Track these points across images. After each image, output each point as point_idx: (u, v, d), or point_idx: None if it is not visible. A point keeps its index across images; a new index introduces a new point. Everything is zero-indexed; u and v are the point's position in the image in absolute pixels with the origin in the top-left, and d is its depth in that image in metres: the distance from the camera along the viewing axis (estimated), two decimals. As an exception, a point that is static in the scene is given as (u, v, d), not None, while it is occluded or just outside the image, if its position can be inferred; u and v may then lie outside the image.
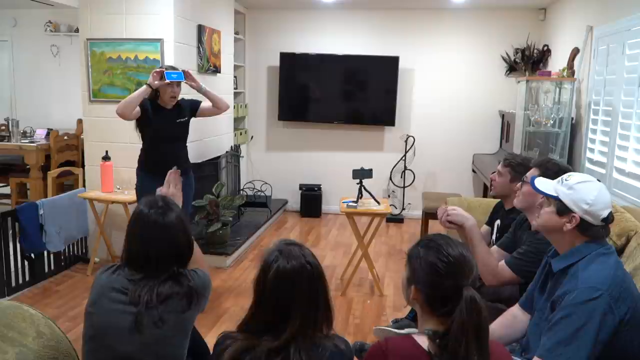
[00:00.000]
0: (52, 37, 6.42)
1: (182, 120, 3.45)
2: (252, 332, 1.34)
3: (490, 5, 5.61)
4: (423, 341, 1.26)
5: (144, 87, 3.22)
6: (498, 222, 2.72)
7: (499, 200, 2.80)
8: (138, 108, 3.25)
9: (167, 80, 3.23)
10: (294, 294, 1.32)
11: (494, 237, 2.76)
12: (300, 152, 6.28)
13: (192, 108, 3.52)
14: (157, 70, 3.27)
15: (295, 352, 1.28)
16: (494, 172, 2.68)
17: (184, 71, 3.33)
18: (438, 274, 1.28)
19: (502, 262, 2.21)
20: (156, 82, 3.22)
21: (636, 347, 1.54)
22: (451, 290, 1.25)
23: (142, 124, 3.35)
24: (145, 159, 3.45)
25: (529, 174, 2.25)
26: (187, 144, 3.58)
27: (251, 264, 4.39)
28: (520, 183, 2.30)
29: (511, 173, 2.54)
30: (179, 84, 3.32)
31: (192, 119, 3.57)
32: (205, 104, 3.55)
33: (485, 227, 2.90)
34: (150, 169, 3.41)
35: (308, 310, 1.32)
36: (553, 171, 2.07)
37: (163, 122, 3.35)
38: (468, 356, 1.19)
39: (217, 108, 3.54)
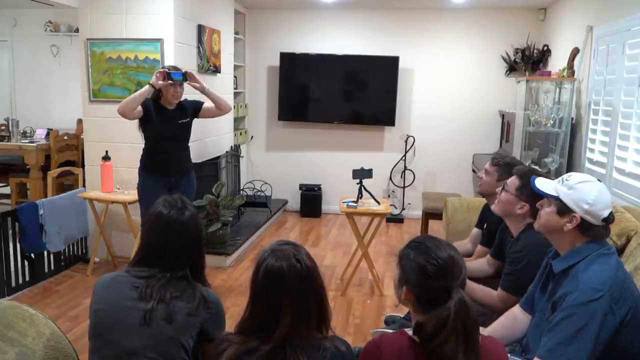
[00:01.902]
0: (52, 37, 6.42)
1: (184, 121, 3.46)
2: (248, 332, 1.35)
3: (490, 5, 5.61)
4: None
5: (147, 87, 3.23)
6: (487, 224, 2.74)
7: (486, 202, 2.81)
8: (140, 108, 3.25)
9: (170, 81, 3.23)
10: (282, 293, 1.33)
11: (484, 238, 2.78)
12: (300, 152, 6.28)
13: (195, 109, 3.53)
14: (161, 70, 3.28)
15: (291, 352, 1.29)
16: (482, 170, 2.69)
17: (187, 72, 3.33)
18: (427, 276, 1.30)
19: (500, 290, 2.20)
20: (159, 82, 3.23)
21: (636, 348, 1.54)
22: (440, 291, 1.28)
23: (145, 124, 3.36)
24: (147, 159, 3.46)
25: (510, 182, 2.24)
26: (189, 145, 3.60)
27: (251, 264, 4.37)
28: (500, 189, 2.29)
29: (498, 172, 2.56)
30: (181, 84, 3.33)
31: (193, 120, 3.58)
32: (208, 104, 3.56)
33: (475, 230, 2.92)
34: (152, 169, 3.43)
35: (298, 309, 1.32)
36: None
37: (165, 123, 3.36)
38: (453, 352, 1.21)
39: (220, 109, 3.54)
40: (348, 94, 6.01)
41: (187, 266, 1.67)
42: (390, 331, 1.56)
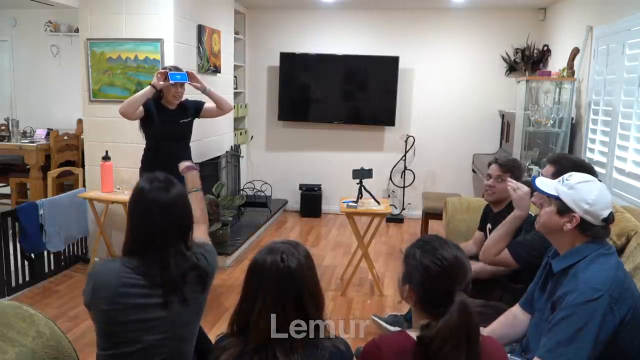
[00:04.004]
0: (52, 37, 6.42)
1: (185, 120, 3.47)
2: (235, 327, 1.35)
3: (490, 5, 5.61)
4: (415, 335, 1.29)
5: (148, 87, 3.24)
6: (489, 226, 2.74)
7: (487, 204, 2.81)
8: (141, 108, 3.26)
9: (171, 82, 3.24)
10: (259, 289, 1.31)
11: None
12: (300, 152, 6.28)
13: (196, 109, 3.53)
14: (161, 71, 3.29)
15: (281, 353, 1.28)
16: (490, 178, 2.67)
17: (187, 72, 3.34)
18: (431, 276, 1.30)
19: (507, 252, 2.26)
20: (160, 83, 3.23)
21: (636, 348, 1.54)
22: (443, 293, 1.27)
23: (146, 124, 3.37)
24: (148, 159, 3.46)
25: (544, 171, 2.24)
26: (189, 145, 3.60)
27: (251, 264, 4.39)
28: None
29: (512, 178, 2.55)
30: (182, 84, 3.33)
31: (195, 120, 3.59)
32: (209, 104, 3.57)
33: (478, 233, 2.92)
34: (153, 169, 3.42)
35: (274, 309, 1.29)
36: (568, 167, 2.05)
37: (166, 122, 3.37)
38: (455, 356, 1.21)
39: (221, 109, 3.56)
40: (348, 94, 6.01)
41: (180, 244, 1.63)
42: (385, 325, 1.57)
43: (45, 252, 3.90)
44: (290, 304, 1.31)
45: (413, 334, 1.30)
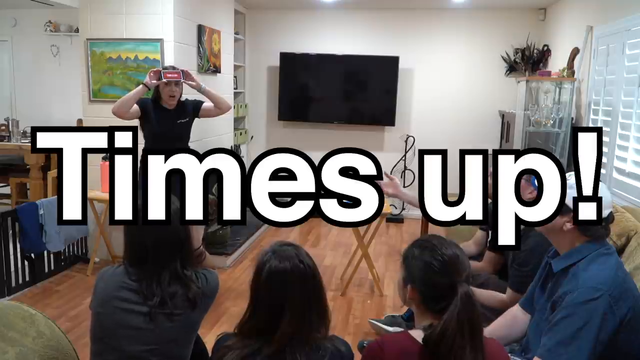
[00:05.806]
0: (52, 37, 6.41)
1: (183, 120, 3.46)
2: (249, 333, 1.34)
3: (490, 5, 5.61)
4: (418, 335, 1.29)
5: (140, 86, 3.24)
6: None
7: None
8: (137, 107, 3.26)
9: (164, 80, 3.23)
10: (286, 294, 1.32)
11: (489, 239, 2.78)
12: (300, 152, 6.27)
13: (194, 108, 3.53)
14: (154, 70, 3.28)
15: (291, 353, 1.28)
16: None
17: (182, 71, 3.32)
18: (433, 272, 1.31)
19: (510, 291, 2.23)
20: (153, 82, 3.23)
21: (636, 348, 1.54)
22: (446, 288, 1.28)
23: (144, 124, 3.37)
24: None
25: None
26: (189, 144, 3.59)
27: (251, 264, 4.39)
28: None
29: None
30: (177, 83, 3.33)
31: (194, 120, 3.58)
32: (208, 104, 3.56)
33: (479, 232, 2.92)
34: None
35: (302, 310, 1.31)
36: None
37: (163, 122, 3.36)
38: (460, 350, 1.22)
39: (219, 108, 3.54)
40: (348, 94, 6.01)
41: (175, 261, 1.61)
42: (383, 326, 1.57)
43: (45, 252, 3.90)
44: (314, 303, 1.34)
45: (416, 334, 1.30)
